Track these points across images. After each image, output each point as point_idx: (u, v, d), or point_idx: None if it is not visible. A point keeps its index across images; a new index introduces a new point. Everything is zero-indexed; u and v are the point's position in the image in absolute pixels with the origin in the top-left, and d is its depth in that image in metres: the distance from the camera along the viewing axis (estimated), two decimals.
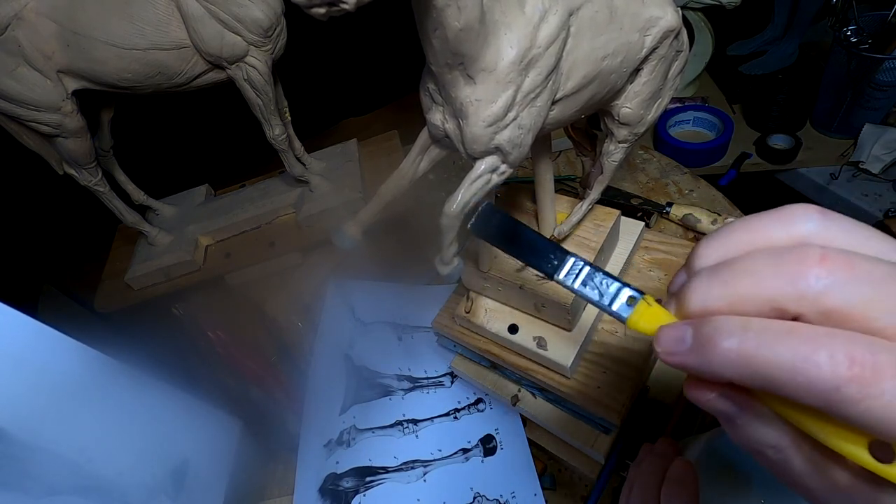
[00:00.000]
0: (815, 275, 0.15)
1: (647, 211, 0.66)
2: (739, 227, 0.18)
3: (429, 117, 0.32)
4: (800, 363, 0.14)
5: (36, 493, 0.33)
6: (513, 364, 0.43)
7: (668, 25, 0.32)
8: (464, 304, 0.45)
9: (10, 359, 0.34)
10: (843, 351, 0.14)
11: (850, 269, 0.15)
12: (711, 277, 0.17)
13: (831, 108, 0.98)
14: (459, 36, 0.25)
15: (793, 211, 0.17)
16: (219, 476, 0.50)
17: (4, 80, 0.52)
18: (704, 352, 0.16)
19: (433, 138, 0.33)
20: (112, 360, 0.41)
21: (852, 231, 0.16)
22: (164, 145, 0.96)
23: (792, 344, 0.15)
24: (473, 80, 0.27)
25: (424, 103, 0.32)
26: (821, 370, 0.14)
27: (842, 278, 0.15)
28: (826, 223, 0.16)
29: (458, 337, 0.46)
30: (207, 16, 0.52)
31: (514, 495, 0.46)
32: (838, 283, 0.15)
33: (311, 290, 0.67)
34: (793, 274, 0.15)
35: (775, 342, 0.15)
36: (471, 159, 0.31)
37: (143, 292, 0.72)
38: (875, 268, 0.15)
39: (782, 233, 0.17)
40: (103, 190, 0.66)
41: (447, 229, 0.32)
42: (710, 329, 0.16)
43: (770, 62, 1.15)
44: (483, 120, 0.28)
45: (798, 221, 0.17)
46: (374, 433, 0.52)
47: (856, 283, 0.15)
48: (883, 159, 0.92)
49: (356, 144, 0.80)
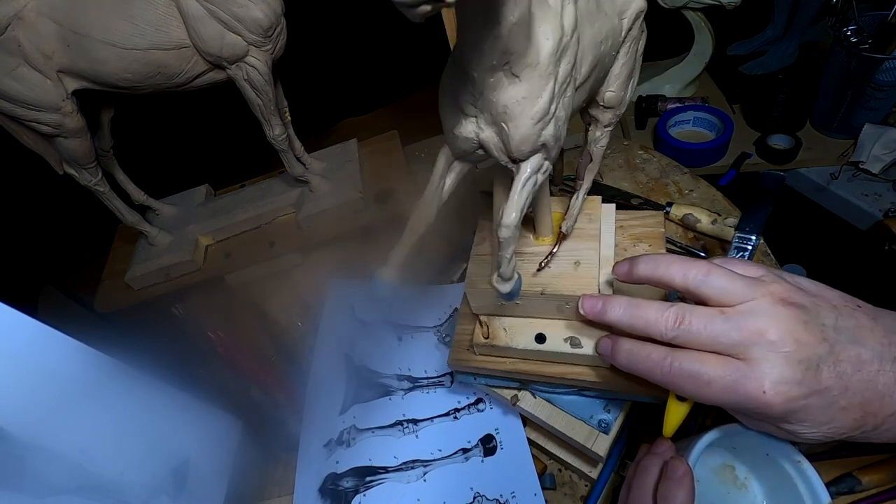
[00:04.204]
0: (694, 274, 0.32)
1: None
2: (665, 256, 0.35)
3: (457, 133, 0.30)
4: (651, 319, 0.32)
5: (36, 493, 0.33)
6: (547, 375, 0.41)
7: (639, 7, 0.35)
8: (480, 331, 0.42)
9: (10, 359, 0.34)
10: (672, 312, 0.31)
11: (710, 275, 0.31)
12: (649, 262, 0.34)
13: (831, 108, 0.98)
14: (513, 31, 0.25)
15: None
16: (219, 476, 0.50)
17: (4, 80, 0.52)
18: (605, 311, 0.34)
19: (460, 154, 0.32)
20: (112, 360, 0.41)
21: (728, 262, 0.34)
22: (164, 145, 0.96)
23: (645, 311, 0.32)
24: (518, 77, 0.27)
25: (448, 120, 0.30)
26: (660, 321, 0.31)
27: (705, 279, 0.31)
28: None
29: (481, 367, 0.43)
30: (207, 16, 0.52)
31: (514, 495, 0.46)
32: (704, 280, 0.31)
33: (311, 290, 0.67)
34: (686, 272, 0.32)
35: (637, 310, 0.33)
36: (513, 164, 0.30)
37: (143, 292, 0.72)
38: (725, 275, 0.31)
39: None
40: (103, 190, 0.66)
41: (509, 242, 0.31)
42: (609, 302, 0.34)
43: (770, 62, 1.15)
44: (531, 118, 0.28)
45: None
46: (374, 433, 0.52)
47: (712, 281, 0.31)
48: (883, 159, 0.92)
49: (356, 144, 0.80)
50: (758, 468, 0.41)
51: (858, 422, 0.29)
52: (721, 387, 0.29)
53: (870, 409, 0.29)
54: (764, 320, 0.29)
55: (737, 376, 0.29)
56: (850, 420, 0.29)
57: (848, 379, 0.29)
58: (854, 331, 0.30)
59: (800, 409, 0.29)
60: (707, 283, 0.31)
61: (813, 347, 0.29)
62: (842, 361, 0.29)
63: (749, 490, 0.41)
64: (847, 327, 0.30)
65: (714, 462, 0.43)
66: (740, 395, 0.29)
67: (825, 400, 0.29)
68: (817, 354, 0.29)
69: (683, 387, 0.31)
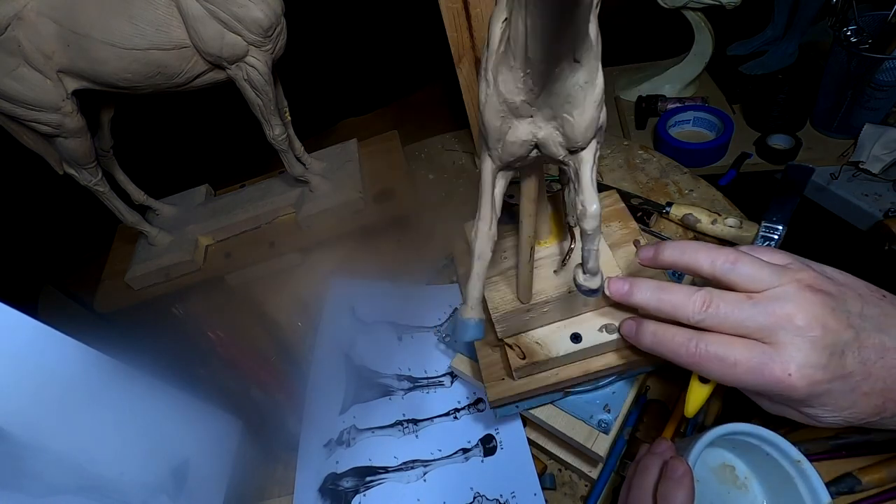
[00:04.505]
0: (721, 262, 0.32)
1: (647, 211, 0.66)
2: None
3: (511, 139, 0.29)
4: (679, 302, 0.32)
5: (36, 493, 0.33)
6: (594, 371, 0.40)
7: None
8: (513, 354, 0.40)
9: (10, 359, 0.34)
10: (700, 296, 0.32)
11: (738, 262, 0.32)
12: (675, 248, 0.34)
13: (831, 108, 0.98)
14: (584, 11, 0.24)
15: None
16: (219, 476, 0.50)
17: (4, 80, 0.52)
18: (632, 294, 0.35)
19: (511, 162, 0.31)
20: (112, 360, 0.41)
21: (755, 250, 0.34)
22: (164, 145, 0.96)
23: (672, 294, 0.33)
24: (580, 62, 0.26)
25: (496, 130, 0.28)
26: (688, 304, 0.32)
27: (733, 266, 0.32)
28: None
29: (524, 391, 0.41)
30: (207, 16, 0.52)
31: (514, 495, 0.46)
32: (732, 268, 0.32)
33: (311, 290, 0.67)
34: (713, 259, 0.32)
35: (664, 293, 0.33)
36: (571, 156, 0.29)
37: (143, 292, 0.72)
38: (752, 262, 0.32)
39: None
40: (103, 190, 0.66)
41: (596, 232, 0.31)
42: (636, 284, 0.35)
43: (770, 62, 1.15)
44: (594, 101, 0.27)
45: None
46: (374, 433, 0.52)
47: (739, 268, 0.32)
48: (883, 159, 0.92)
49: (356, 144, 0.80)
50: (758, 468, 0.41)
51: (879, 408, 0.30)
52: (746, 369, 0.30)
53: (891, 396, 0.30)
54: (791, 306, 0.30)
55: (763, 359, 0.30)
56: (871, 406, 0.30)
57: (871, 365, 0.29)
58: (879, 319, 0.30)
59: (823, 393, 0.30)
60: (735, 270, 0.32)
61: (839, 333, 0.29)
62: (866, 348, 0.30)
63: (749, 490, 0.41)
64: (872, 315, 0.31)
65: (714, 462, 0.43)
66: (766, 378, 0.30)
67: (848, 385, 0.30)
68: (843, 340, 0.29)
69: (709, 369, 0.31)
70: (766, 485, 0.41)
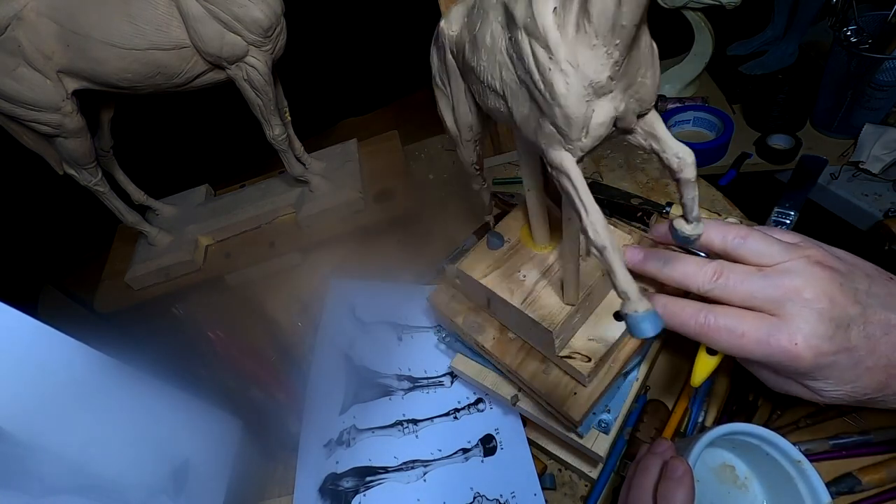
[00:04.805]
0: (732, 237, 0.33)
1: (647, 211, 0.66)
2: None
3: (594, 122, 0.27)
4: (690, 272, 0.34)
5: (36, 492, 0.33)
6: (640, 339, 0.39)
7: None
8: (580, 360, 0.39)
9: (10, 359, 0.34)
10: (711, 267, 0.33)
11: (749, 238, 0.33)
12: None
13: (831, 108, 0.98)
14: None
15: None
16: (219, 476, 0.50)
17: (4, 80, 0.52)
18: (645, 262, 0.36)
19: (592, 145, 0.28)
20: (112, 360, 0.41)
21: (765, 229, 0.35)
22: (164, 145, 0.96)
23: (684, 264, 0.34)
24: (646, 24, 0.26)
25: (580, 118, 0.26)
26: (699, 274, 0.33)
27: (744, 241, 0.33)
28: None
29: (598, 394, 0.40)
30: (207, 16, 0.52)
31: (513, 495, 0.46)
32: (742, 243, 0.33)
33: (311, 290, 0.67)
34: (724, 235, 0.33)
35: (676, 262, 0.35)
36: (640, 120, 0.29)
37: (143, 292, 0.73)
38: (763, 238, 0.33)
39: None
40: (103, 190, 0.66)
41: (695, 179, 0.30)
42: (650, 254, 0.36)
43: (770, 62, 1.15)
44: (657, 59, 0.27)
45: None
46: (374, 433, 0.52)
47: (750, 243, 0.33)
48: (883, 159, 0.92)
49: (356, 144, 0.80)
50: (758, 468, 0.41)
51: (882, 384, 0.31)
52: (754, 339, 0.31)
53: (894, 372, 0.30)
54: (800, 280, 0.31)
55: (770, 330, 0.30)
56: (874, 381, 0.31)
57: (876, 341, 0.30)
58: (886, 298, 0.31)
59: (827, 366, 0.30)
60: (745, 245, 0.33)
61: (845, 308, 0.30)
62: (871, 324, 0.30)
63: (749, 490, 0.41)
64: (879, 294, 0.31)
65: (714, 462, 0.43)
66: (772, 348, 0.30)
67: (852, 359, 0.30)
68: (848, 315, 0.30)
69: (717, 339, 0.32)
70: (766, 485, 0.41)
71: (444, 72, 0.36)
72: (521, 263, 0.42)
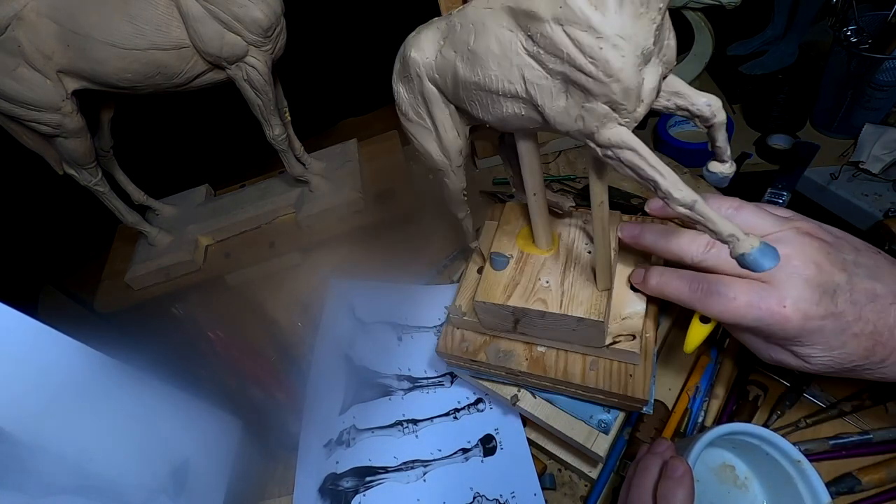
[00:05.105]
0: (726, 207, 0.35)
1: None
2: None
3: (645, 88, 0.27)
4: (684, 243, 0.35)
5: (36, 493, 0.33)
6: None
7: None
8: (626, 340, 0.39)
9: (10, 359, 0.34)
10: (704, 238, 0.34)
11: (741, 209, 0.35)
12: None
13: (831, 108, 0.98)
14: None
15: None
16: (219, 476, 0.50)
17: (4, 80, 0.52)
18: (642, 236, 0.38)
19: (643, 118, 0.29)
20: (112, 360, 0.41)
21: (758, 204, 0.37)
22: (164, 145, 0.96)
23: (678, 237, 0.36)
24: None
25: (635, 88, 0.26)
26: (692, 244, 0.35)
27: (737, 213, 0.35)
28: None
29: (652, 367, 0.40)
30: (207, 16, 0.52)
31: (513, 495, 0.46)
32: (735, 213, 0.35)
33: (311, 290, 0.67)
34: (718, 206, 0.35)
35: (670, 235, 0.36)
36: (663, 81, 0.30)
37: (143, 292, 0.73)
38: (755, 210, 0.35)
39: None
40: (103, 190, 0.66)
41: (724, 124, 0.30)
42: (645, 228, 0.38)
43: (770, 62, 1.15)
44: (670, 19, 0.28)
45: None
46: (374, 433, 0.52)
47: (742, 214, 0.35)
48: (883, 159, 0.92)
49: (356, 144, 0.80)
50: (758, 468, 0.41)
51: (868, 350, 0.32)
52: (745, 303, 0.32)
53: (880, 340, 0.31)
54: (790, 248, 0.32)
55: (761, 294, 0.32)
56: (861, 348, 0.32)
57: (861, 308, 0.31)
58: (873, 269, 0.33)
59: (815, 331, 0.31)
60: (738, 216, 0.35)
61: (832, 275, 0.32)
62: (857, 292, 0.32)
63: (749, 490, 0.41)
64: (866, 265, 0.33)
65: (714, 462, 0.43)
66: (762, 311, 0.32)
67: (839, 324, 0.31)
68: (835, 282, 0.32)
69: (709, 305, 0.34)
70: (766, 485, 0.41)
71: (418, 104, 0.35)
72: (538, 271, 0.41)
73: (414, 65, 0.33)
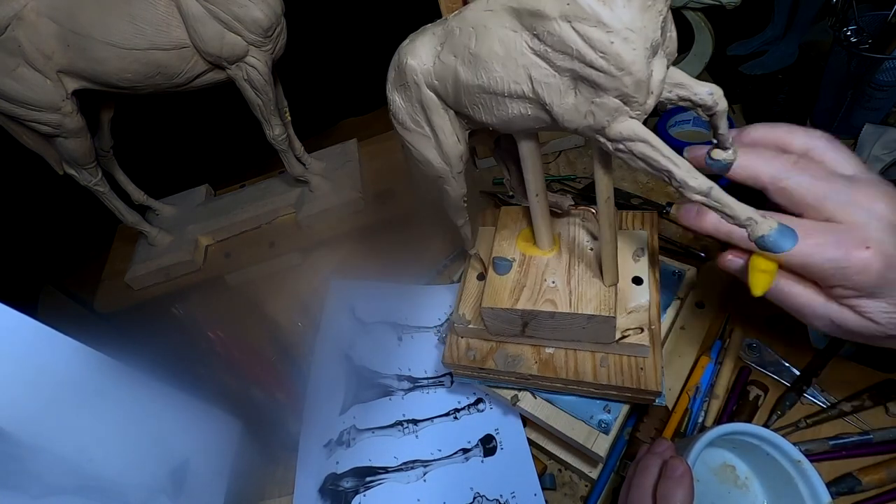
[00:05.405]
0: (820, 135, 0.34)
1: (647, 211, 0.66)
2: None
3: (654, 80, 0.27)
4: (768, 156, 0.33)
5: (36, 493, 0.33)
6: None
7: None
8: (635, 333, 0.39)
9: (10, 359, 0.34)
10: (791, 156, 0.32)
11: (834, 142, 0.33)
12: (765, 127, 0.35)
13: (831, 108, 0.98)
14: None
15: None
16: (219, 476, 0.50)
17: (4, 80, 0.52)
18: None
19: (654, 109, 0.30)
20: (112, 360, 0.41)
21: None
22: (164, 145, 0.96)
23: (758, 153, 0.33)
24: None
25: (645, 80, 0.26)
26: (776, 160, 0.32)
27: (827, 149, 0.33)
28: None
29: (660, 360, 0.40)
30: (207, 16, 0.52)
31: (513, 495, 0.46)
32: (827, 148, 0.33)
33: (311, 290, 0.67)
34: (811, 134, 0.34)
35: (748, 153, 0.33)
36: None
37: (143, 292, 0.73)
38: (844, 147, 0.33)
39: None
40: (103, 190, 0.66)
41: (726, 112, 0.30)
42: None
43: (770, 62, 1.15)
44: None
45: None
46: (374, 433, 0.52)
47: (832, 152, 0.33)
48: (883, 159, 0.91)
49: (356, 144, 0.80)
50: (758, 468, 0.41)
51: None
52: (821, 241, 0.29)
53: None
54: (875, 189, 0.30)
55: (840, 232, 0.29)
56: None
57: None
58: None
59: (893, 281, 0.29)
60: (828, 153, 0.33)
61: None
62: None
63: (749, 490, 0.41)
64: None
65: (714, 462, 0.43)
66: (839, 251, 0.29)
67: None
68: None
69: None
70: (767, 485, 0.41)
71: (416, 112, 0.35)
72: (542, 272, 0.41)
73: (411, 72, 0.33)
